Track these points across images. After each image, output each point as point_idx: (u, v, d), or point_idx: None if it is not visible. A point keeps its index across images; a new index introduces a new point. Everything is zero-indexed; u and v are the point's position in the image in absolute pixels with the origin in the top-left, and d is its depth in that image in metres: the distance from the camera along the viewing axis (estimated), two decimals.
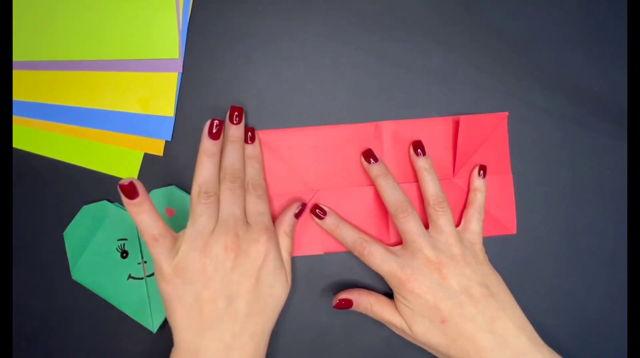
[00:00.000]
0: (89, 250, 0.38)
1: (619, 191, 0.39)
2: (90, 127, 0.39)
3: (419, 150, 0.37)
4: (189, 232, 0.33)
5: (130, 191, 0.31)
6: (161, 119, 0.38)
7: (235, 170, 0.35)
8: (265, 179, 0.38)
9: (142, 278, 0.38)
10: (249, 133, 0.37)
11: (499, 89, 0.39)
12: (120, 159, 0.39)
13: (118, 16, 0.38)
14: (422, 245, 0.34)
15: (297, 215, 0.37)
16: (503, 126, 0.39)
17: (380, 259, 0.35)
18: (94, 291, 0.38)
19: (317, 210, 0.38)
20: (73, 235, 0.39)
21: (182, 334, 0.32)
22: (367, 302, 0.37)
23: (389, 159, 0.39)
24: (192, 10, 0.38)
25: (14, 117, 0.39)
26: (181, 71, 0.38)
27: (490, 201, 0.39)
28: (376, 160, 0.37)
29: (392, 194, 0.36)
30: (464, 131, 0.38)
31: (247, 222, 0.35)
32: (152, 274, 0.38)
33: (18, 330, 0.39)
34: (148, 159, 0.39)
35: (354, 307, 0.37)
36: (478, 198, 0.38)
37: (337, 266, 0.39)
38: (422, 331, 0.34)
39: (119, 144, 0.39)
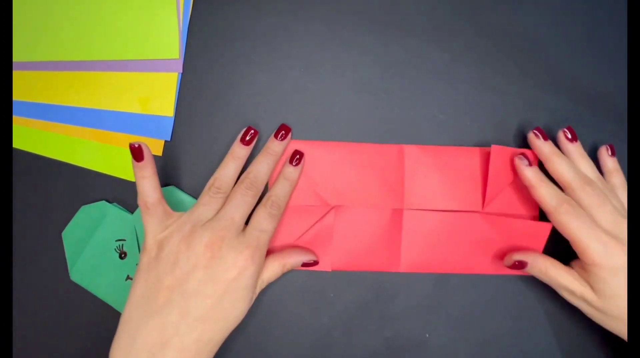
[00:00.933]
0: (87, 250, 0.38)
1: None
2: (90, 127, 0.39)
3: (537, 132, 0.36)
4: (185, 216, 0.34)
5: (138, 153, 0.33)
6: (161, 119, 0.38)
7: (256, 179, 0.35)
8: (287, 205, 0.37)
9: None
10: (297, 156, 0.37)
11: (499, 89, 0.39)
12: (120, 159, 0.39)
13: (118, 16, 0.38)
14: (623, 220, 0.33)
15: (305, 265, 0.37)
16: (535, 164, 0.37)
17: (588, 224, 0.33)
18: (92, 292, 0.38)
19: (522, 156, 0.36)
20: (71, 235, 0.38)
21: (130, 312, 0.32)
22: (542, 265, 0.35)
23: (410, 185, 0.38)
24: (192, 10, 0.39)
25: (14, 117, 0.39)
26: (181, 71, 0.38)
27: (514, 242, 0.38)
28: (546, 138, 0.36)
29: (573, 170, 0.35)
30: (495, 162, 0.37)
31: (243, 231, 0.34)
32: None
33: (18, 330, 0.39)
34: None
35: (527, 268, 0.36)
36: (619, 182, 0.37)
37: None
38: (620, 302, 0.32)
39: (118, 144, 0.39)
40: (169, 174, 0.39)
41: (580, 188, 0.34)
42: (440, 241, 0.38)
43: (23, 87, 0.39)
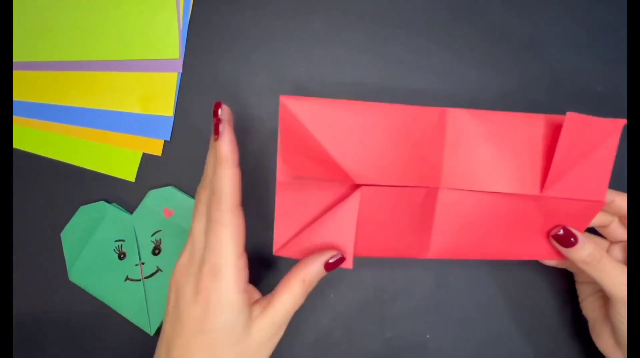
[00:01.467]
0: (86, 251, 0.38)
1: (618, 191, 0.39)
2: (90, 127, 0.39)
3: (571, 239, 0.30)
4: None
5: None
6: (160, 119, 0.38)
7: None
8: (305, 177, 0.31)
9: (139, 280, 0.38)
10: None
11: (500, 89, 0.39)
12: (119, 159, 0.39)
13: (118, 16, 0.38)
14: None
15: (330, 266, 0.30)
16: (615, 136, 0.31)
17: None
18: (90, 293, 0.38)
19: (570, 237, 0.31)
20: (70, 235, 0.38)
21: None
22: (596, 251, 0.30)
23: (450, 158, 0.31)
24: (192, 10, 0.39)
25: (14, 117, 0.39)
26: (181, 71, 0.39)
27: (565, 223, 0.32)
28: (576, 240, 0.31)
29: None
30: (568, 132, 0.29)
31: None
32: (150, 276, 0.38)
33: (18, 330, 0.39)
34: (147, 159, 0.39)
35: (572, 251, 0.30)
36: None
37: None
38: None
39: (117, 144, 0.39)
40: (168, 174, 0.39)
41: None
42: (479, 227, 0.32)
43: (23, 87, 0.39)
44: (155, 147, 0.38)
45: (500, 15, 0.39)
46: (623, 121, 0.31)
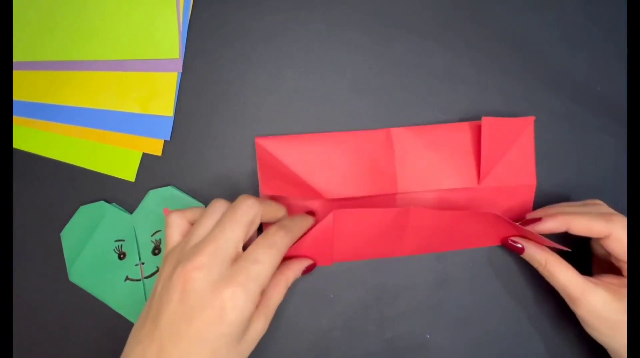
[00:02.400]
0: (86, 251, 0.38)
1: (619, 191, 0.39)
2: (90, 127, 0.39)
3: (518, 246, 0.36)
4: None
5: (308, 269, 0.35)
6: (160, 119, 0.38)
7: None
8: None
9: (139, 280, 0.38)
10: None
11: (500, 89, 0.39)
12: (119, 159, 0.39)
13: (118, 16, 0.38)
14: None
15: (305, 271, 0.35)
16: (529, 131, 0.38)
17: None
18: (90, 293, 0.38)
19: (511, 241, 0.36)
20: (70, 235, 0.38)
21: (130, 333, 0.30)
22: (542, 257, 0.34)
23: (401, 168, 0.37)
24: (192, 10, 0.39)
25: (14, 118, 0.39)
26: (181, 71, 0.39)
27: (509, 212, 0.38)
28: (521, 251, 0.36)
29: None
30: (487, 134, 0.36)
31: (234, 262, 0.29)
32: (150, 276, 0.38)
33: (17, 330, 0.39)
34: (147, 159, 0.39)
35: (524, 256, 0.35)
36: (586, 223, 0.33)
37: (337, 265, 0.39)
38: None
39: (117, 144, 0.39)
40: (168, 174, 0.39)
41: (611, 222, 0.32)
42: (438, 224, 0.36)
43: (23, 87, 0.39)
44: (155, 147, 0.38)
45: (500, 16, 0.39)
46: (532, 118, 0.38)
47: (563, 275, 0.33)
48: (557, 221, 0.33)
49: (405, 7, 0.39)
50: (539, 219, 0.34)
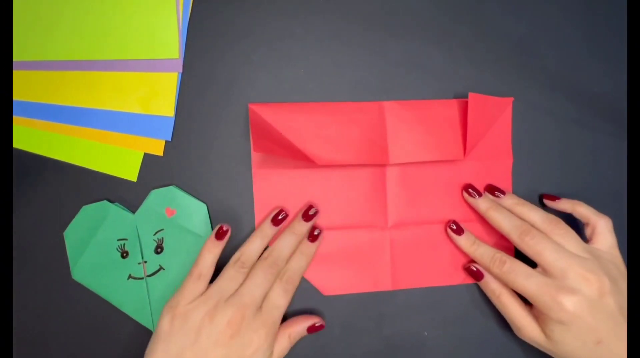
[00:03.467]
0: (89, 250, 0.38)
1: (619, 191, 0.39)
2: (90, 127, 0.39)
3: (470, 190, 0.38)
4: (210, 289, 0.35)
5: (221, 235, 0.36)
6: (161, 119, 0.38)
7: (279, 258, 0.36)
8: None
9: (142, 278, 0.38)
10: (316, 231, 0.38)
11: (499, 89, 0.39)
12: (120, 159, 0.39)
13: (118, 16, 0.38)
14: (570, 262, 0.33)
15: (310, 329, 0.37)
16: (508, 111, 0.40)
17: (524, 275, 0.34)
18: (94, 291, 0.38)
19: (452, 225, 0.38)
20: (73, 235, 0.39)
21: None
22: (496, 287, 0.37)
23: (393, 139, 0.38)
24: (192, 10, 0.38)
25: (14, 118, 0.39)
26: (181, 71, 0.38)
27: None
28: (480, 194, 0.38)
29: (509, 222, 0.36)
30: (473, 108, 0.37)
31: (260, 308, 0.35)
32: (153, 274, 0.38)
33: (18, 330, 0.39)
34: (148, 159, 0.39)
35: (481, 283, 0.38)
36: (587, 211, 0.37)
37: None
38: (569, 350, 0.33)
39: (119, 144, 0.39)
40: (169, 174, 0.39)
41: (518, 239, 0.35)
42: (425, 193, 0.39)
43: (23, 87, 0.39)
44: (157, 147, 0.39)
45: (499, 16, 0.39)
46: (511, 99, 0.40)
47: (512, 307, 0.36)
48: (568, 203, 0.38)
49: (405, 7, 0.39)
50: (557, 198, 0.38)
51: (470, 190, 0.38)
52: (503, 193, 0.38)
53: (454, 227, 0.38)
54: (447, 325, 0.39)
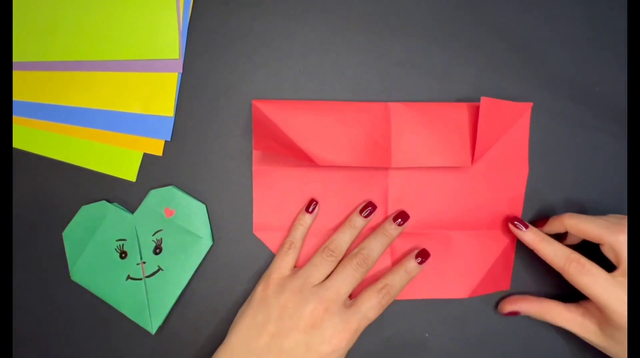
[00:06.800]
0: (88, 250, 0.38)
1: (619, 191, 0.39)
2: (90, 127, 0.39)
3: (516, 223, 0.37)
4: (298, 272, 0.35)
5: (313, 208, 0.38)
6: (161, 119, 0.38)
7: (368, 257, 0.35)
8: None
9: (141, 279, 0.38)
10: (419, 259, 0.37)
11: (499, 89, 0.39)
12: (120, 159, 0.39)
13: (118, 16, 0.38)
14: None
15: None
16: (526, 117, 0.38)
17: (604, 279, 0.32)
18: (92, 292, 0.38)
19: (516, 222, 0.36)
20: (72, 235, 0.38)
21: (236, 340, 0.34)
22: (537, 310, 0.36)
23: (397, 142, 0.37)
24: (192, 10, 0.39)
25: (14, 117, 0.39)
26: (181, 71, 0.38)
27: (501, 196, 0.39)
28: (527, 226, 0.36)
29: (557, 252, 0.34)
30: (484, 114, 0.35)
31: (346, 308, 0.34)
32: (151, 275, 0.38)
33: (18, 330, 0.39)
34: (147, 159, 0.39)
35: (522, 314, 0.37)
36: (592, 228, 0.35)
37: None
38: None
39: (118, 144, 0.39)
40: (168, 174, 0.39)
41: (569, 269, 0.34)
42: (428, 200, 0.38)
43: (23, 87, 0.39)
44: (156, 147, 0.39)
45: (500, 16, 0.39)
46: (530, 104, 0.38)
47: (559, 318, 0.36)
48: (556, 222, 0.36)
49: (405, 7, 0.39)
50: (545, 221, 0.37)
51: (515, 223, 0.36)
52: (526, 226, 0.36)
53: (516, 223, 0.36)
54: (448, 326, 0.39)
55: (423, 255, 0.37)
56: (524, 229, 0.36)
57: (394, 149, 0.37)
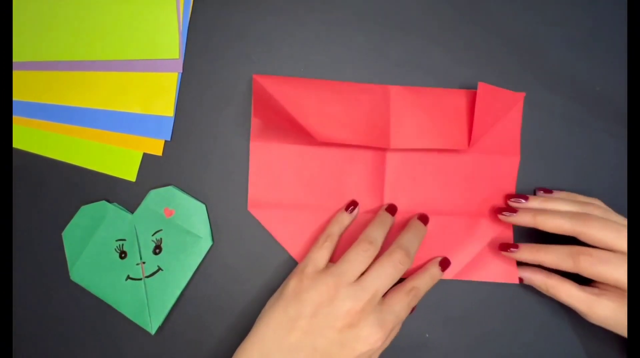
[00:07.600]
0: (88, 250, 0.38)
1: (619, 191, 0.39)
2: (90, 127, 0.39)
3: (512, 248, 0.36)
4: (335, 266, 0.34)
5: (353, 208, 0.38)
6: (161, 119, 0.38)
7: (408, 254, 0.34)
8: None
9: (140, 279, 0.38)
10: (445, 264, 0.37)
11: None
12: (120, 159, 0.39)
13: (118, 16, 0.38)
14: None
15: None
16: (519, 106, 0.39)
17: (618, 259, 0.32)
18: (92, 292, 0.38)
19: (510, 248, 0.36)
20: (72, 235, 0.38)
21: (266, 333, 0.33)
22: (541, 282, 0.36)
23: (396, 124, 0.37)
24: (192, 10, 0.39)
25: (14, 117, 0.39)
26: (181, 71, 0.39)
27: (494, 183, 0.39)
28: (517, 247, 0.36)
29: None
30: (481, 99, 0.36)
31: (381, 308, 0.33)
32: (151, 275, 0.38)
33: (18, 330, 0.39)
34: (147, 159, 0.39)
35: (525, 281, 0.37)
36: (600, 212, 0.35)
37: None
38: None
39: (118, 144, 0.39)
40: (168, 174, 0.39)
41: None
42: (425, 182, 0.39)
43: (23, 87, 0.39)
44: (156, 147, 0.39)
45: (500, 16, 0.39)
46: (522, 94, 0.39)
47: (566, 294, 0.34)
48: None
49: (405, 7, 0.39)
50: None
51: (504, 213, 0.37)
52: (516, 247, 0.36)
53: (510, 248, 0.36)
54: (448, 327, 0.39)
55: (444, 264, 0.37)
56: (514, 250, 0.36)
57: (392, 131, 0.37)
